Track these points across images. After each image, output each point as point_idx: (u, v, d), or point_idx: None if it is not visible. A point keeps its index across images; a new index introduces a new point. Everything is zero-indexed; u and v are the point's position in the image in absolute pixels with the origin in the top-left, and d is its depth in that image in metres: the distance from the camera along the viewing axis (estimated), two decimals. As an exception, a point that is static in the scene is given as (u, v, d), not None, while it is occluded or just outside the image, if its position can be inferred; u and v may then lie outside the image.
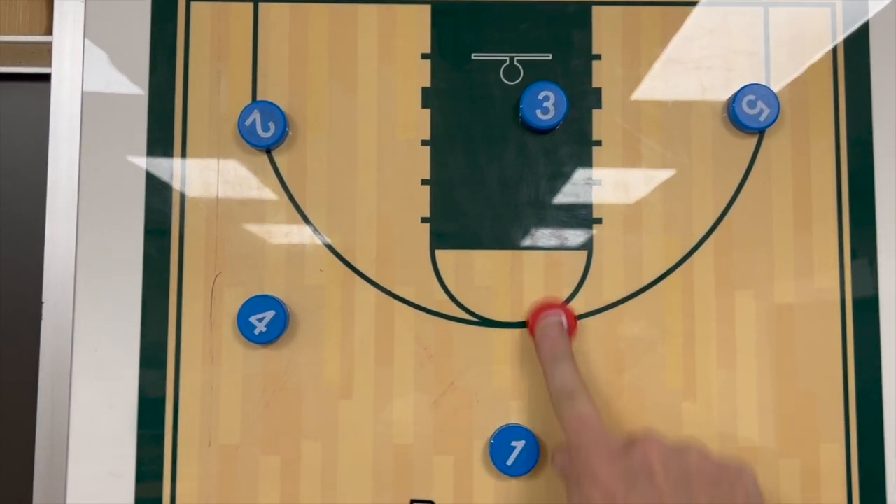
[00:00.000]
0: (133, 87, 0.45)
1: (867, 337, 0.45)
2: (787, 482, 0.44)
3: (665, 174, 0.45)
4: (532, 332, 0.44)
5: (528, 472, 0.43)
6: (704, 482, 0.34)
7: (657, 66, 0.46)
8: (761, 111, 0.44)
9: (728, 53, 0.46)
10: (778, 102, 0.44)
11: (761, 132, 0.45)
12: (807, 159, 0.45)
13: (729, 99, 0.45)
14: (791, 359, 0.44)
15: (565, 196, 0.45)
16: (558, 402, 0.39)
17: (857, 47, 0.46)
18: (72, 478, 0.44)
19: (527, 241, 0.45)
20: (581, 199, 0.45)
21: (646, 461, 0.34)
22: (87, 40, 0.46)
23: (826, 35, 0.46)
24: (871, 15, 0.46)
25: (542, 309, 0.43)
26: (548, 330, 0.42)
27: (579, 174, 0.45)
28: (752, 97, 0.45)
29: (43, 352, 0.44)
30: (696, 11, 0.46)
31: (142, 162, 0.45)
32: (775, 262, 0.45)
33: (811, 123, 0.46)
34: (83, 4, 0.45)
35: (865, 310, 0.44)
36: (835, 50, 0.46)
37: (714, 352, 0.44)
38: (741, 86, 0.45)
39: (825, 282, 0.45)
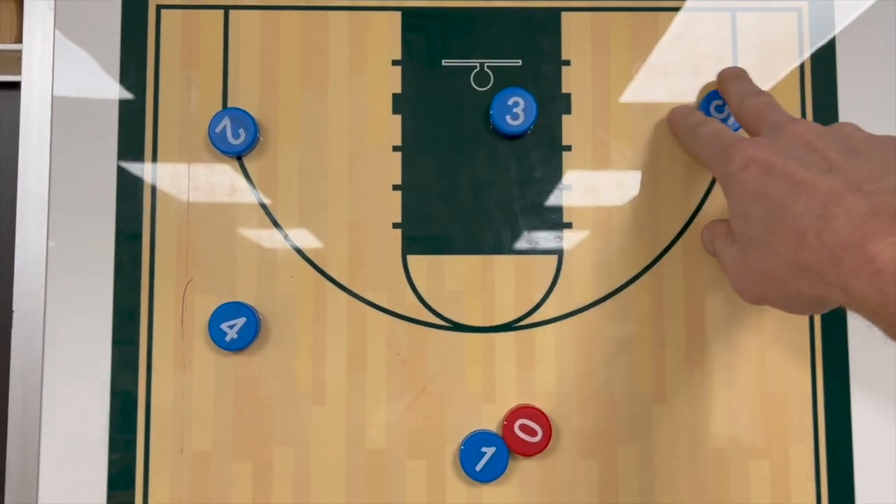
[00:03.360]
0: (103, 94, 0.45)
1: (835, 339, 0.45)
2: (757, 483, 0.44)
3: (634, 178, 0.46)
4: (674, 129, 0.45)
5: (496, 478, 0.43)
6: (866, 145, 0.31)
7: (626, 71, 0.46)
8: (729, 115, 0.45)
9: (696, 58, 0.46)
10: (745, 106, 0.45)
11: (729, 136, 0.46)
12: (775, 163, 0.46)
13: (697, 102, 0.46)
14: (760, 361, 0.45)
15: (536, 201, 0.45)
16: (693, 129, 0.40)
17: (823, 50, 0.46)
18: (43, 485, 0.44)
19: (498, 246, 0.45)
20: (551, 204, 0.45)
21: (799, 137, 0.32)
22: (56, 48, 0.46)
23: (793, 38, 0.47)
24: (836, 18, 0.47)
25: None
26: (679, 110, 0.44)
27: (549, 179, 0.46)
28: (719, 101, 0.45)
29: (14, 360, 0.44)
30: (664, 16, 0.46)
31: (112, 169, 0.45)
32: (744, 265, 0.45)
33: (779, 127, 0.46)
34: (52, 13, 0.46)
35: (833, 311, 0.45)
36: (801, 53, 0.46)
37: (684, 354, 0.45)
38: (709, 90, 0.45)
39: (794, 284, 0.45)
